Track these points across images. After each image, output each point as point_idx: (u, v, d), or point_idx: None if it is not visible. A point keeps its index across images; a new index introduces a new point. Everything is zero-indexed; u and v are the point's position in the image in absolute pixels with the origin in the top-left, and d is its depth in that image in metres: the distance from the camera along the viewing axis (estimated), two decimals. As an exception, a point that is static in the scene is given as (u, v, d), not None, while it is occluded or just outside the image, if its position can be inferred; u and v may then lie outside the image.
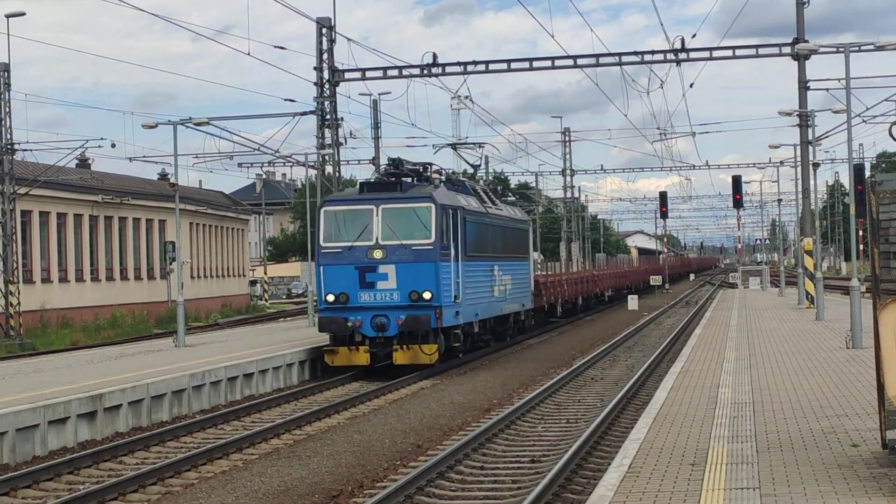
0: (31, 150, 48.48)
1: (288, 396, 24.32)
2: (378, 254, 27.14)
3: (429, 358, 27.26)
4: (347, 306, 27.27)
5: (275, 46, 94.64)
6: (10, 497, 14.72)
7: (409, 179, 29.32)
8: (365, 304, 27.28)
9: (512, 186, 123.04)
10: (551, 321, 47.62)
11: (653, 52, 40.34)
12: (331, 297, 27.34)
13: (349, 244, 27.39)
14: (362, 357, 27.38)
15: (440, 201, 27.66)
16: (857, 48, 31.34)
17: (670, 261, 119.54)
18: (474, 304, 30.42)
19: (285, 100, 50.40)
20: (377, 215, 27.38)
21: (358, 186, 29.09)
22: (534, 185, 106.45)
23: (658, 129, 63.56)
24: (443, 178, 31.32)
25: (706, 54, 39.94)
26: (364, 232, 27.38)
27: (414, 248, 27.15)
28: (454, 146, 35.58)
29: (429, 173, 30.81)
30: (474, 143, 36.33)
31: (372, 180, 30.18)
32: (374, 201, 27.57)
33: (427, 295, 27.06)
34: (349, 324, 27.06)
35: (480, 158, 34.94)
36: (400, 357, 27.28)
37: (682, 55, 39.42)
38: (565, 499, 13.25)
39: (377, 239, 27.25)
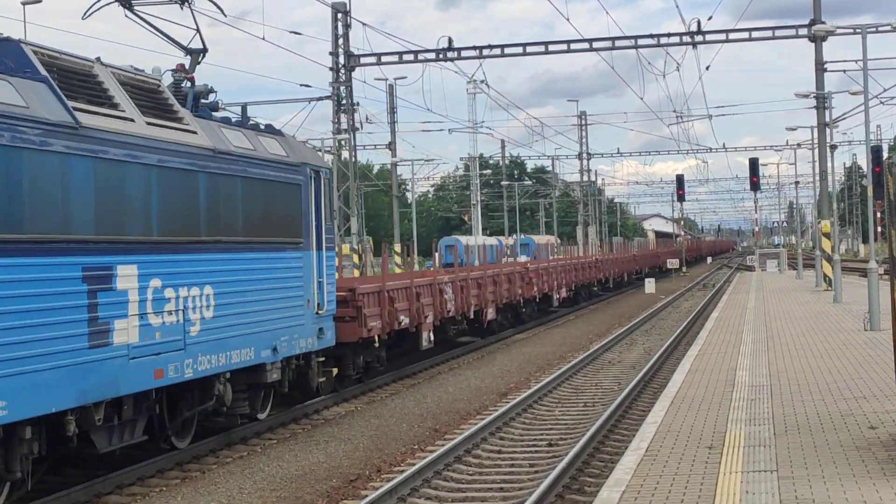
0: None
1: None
2: None
3: None
4: None
5: (290, 31, 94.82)
6: (30, 482, 14.79)
7: None
8: None
9: (528, 170, 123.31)
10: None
11: (669, 35, 40.27)
12: None
13: None
14: None
15: None
16: (874, 29, 31.18)
17: (687, 244, 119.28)
18: None
19: (301, 85, 50.55)
20: None
21: None
22: (550, 169, 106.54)
23: (674, 111, 63.59)
24: None
25: (722, 36, 39.87)
26: None
27: None
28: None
29: None
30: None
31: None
32: None
33: None
34: None
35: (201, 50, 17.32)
36: None
37: (699, 38, 39.35)
38: (582, 482, 13.26)
39: None
